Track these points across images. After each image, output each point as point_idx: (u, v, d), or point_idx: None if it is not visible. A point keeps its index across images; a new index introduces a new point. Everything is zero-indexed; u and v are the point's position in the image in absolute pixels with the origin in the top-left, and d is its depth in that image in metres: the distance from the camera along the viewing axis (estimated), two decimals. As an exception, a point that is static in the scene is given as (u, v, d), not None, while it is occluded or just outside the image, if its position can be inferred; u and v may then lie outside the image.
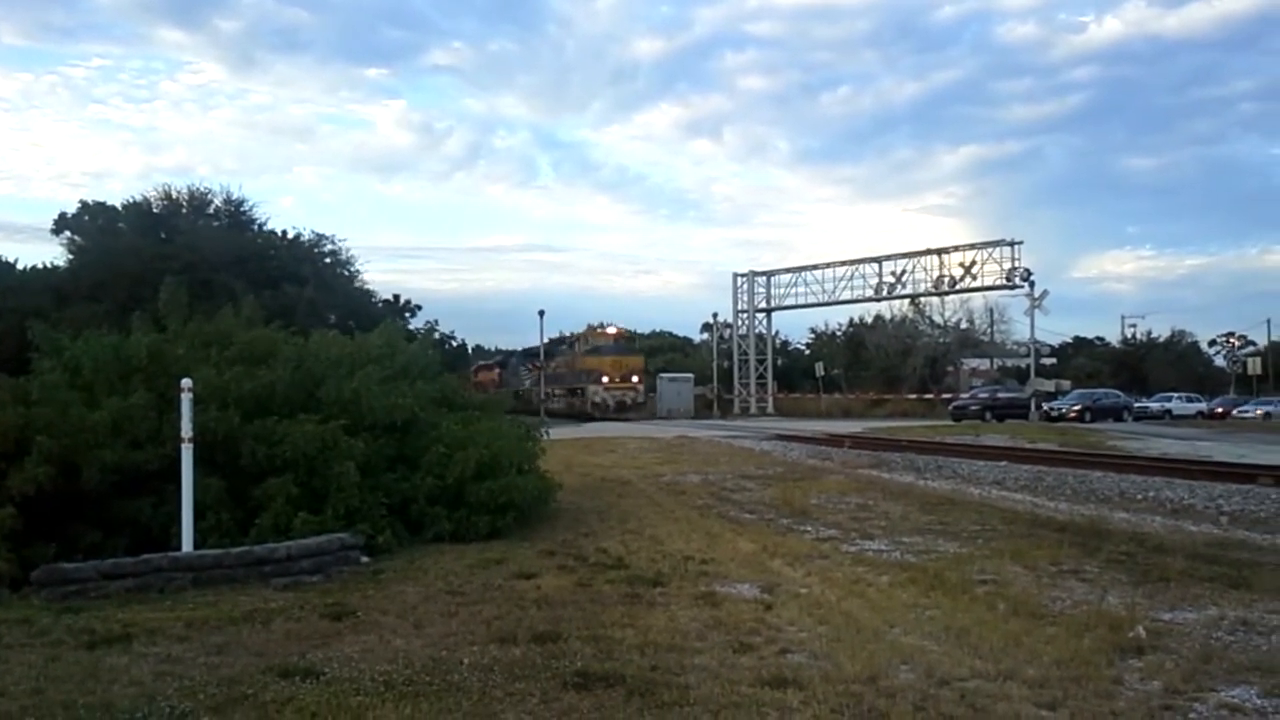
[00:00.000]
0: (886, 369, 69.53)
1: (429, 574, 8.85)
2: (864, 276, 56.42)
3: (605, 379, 53.98)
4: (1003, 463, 19.77)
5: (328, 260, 43.05)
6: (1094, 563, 9.12)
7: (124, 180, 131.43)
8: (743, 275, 62.18)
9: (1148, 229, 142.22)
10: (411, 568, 9.20)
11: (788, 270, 61.51)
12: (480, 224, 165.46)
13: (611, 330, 59.34)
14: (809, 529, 11.62)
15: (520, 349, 69.99)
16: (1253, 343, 78.68)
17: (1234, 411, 53.86)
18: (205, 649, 6.28)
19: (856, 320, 76.92)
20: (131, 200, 42.16)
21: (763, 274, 62.02)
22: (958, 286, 53.98)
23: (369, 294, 44.73)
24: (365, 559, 9.44)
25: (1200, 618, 6.95)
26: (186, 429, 9.07)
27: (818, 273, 59.21)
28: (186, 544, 8.88)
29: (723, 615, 7.06)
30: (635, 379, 55.00)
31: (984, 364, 69.98)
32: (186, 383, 9.25)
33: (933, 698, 5.10)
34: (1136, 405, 51.80)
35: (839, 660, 5.81)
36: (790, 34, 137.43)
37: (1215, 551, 9.65)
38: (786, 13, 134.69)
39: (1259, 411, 52.71)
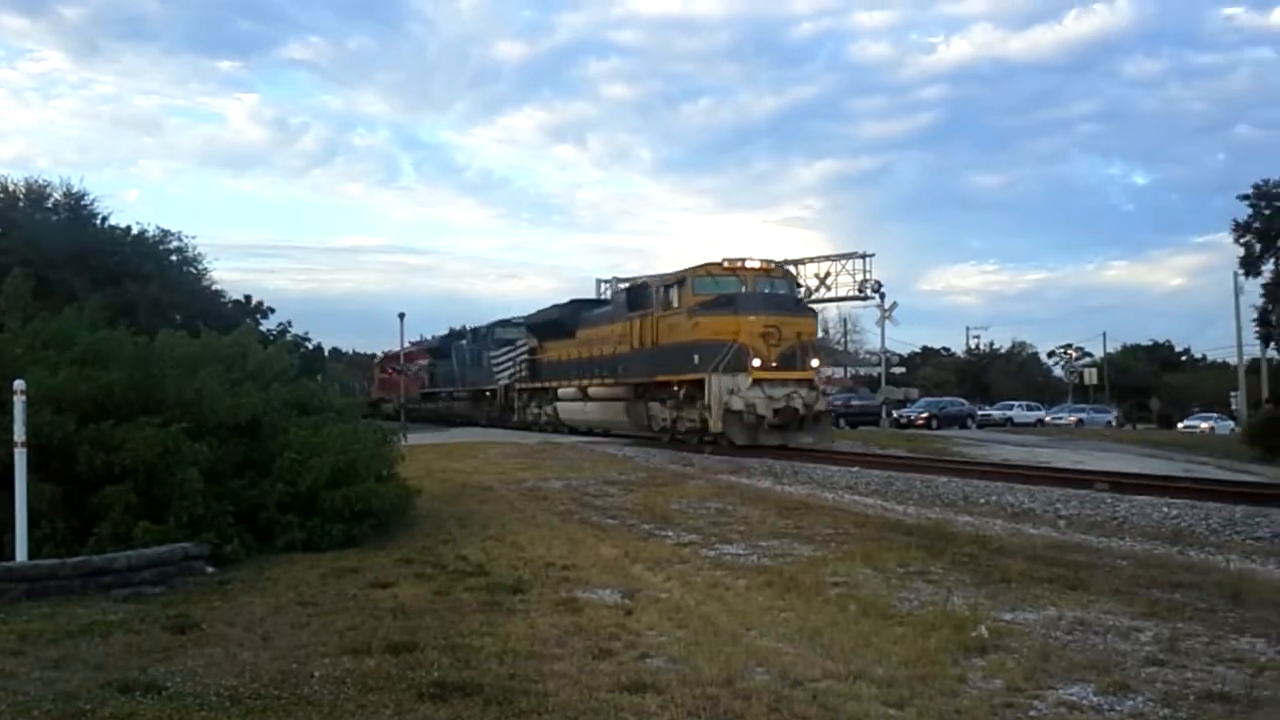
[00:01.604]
0: (746, 376, 70.79)
1: (279, 584, 8.57)
2: (725, 285, 57.39)
3: (757, 362, 24.32)
4: (855, 468, 20.28)
5: (174, 258, 41.18)
6: (939, 564, 9.42)
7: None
8: (606, 281, 62.30)
9: (992, 244, 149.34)
10: (260, 578, 8.88)
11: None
12: (339, 223, 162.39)
13: (754, 264, 26.83)
14: (670, 534, 11.70)
15: (487, 324, 45.99)
16: (1089, 354, 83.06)
17: (1047, 418, 56.74)
18: (40, 663, 5.95)
19: (717, 328, 78.01)
20: (-37, 192, 39.66)
21: (626, 280, 62.34)
22: (813, 297, 55.38)
23: (218, 293, 42.91)
24: (211, 569, 9.06)
25: (1039, 618, 7.24)
26: (20, 432, 8.60)
27: (680, 281, 59.80)
28: (20, 553, 8.38)
29: (583, 621, 7.04)
30: (815, 362, 26.36)
31: (838, 372, 72.04)
32: (19, 384, 8.76)
33: (786, 699, 5.19)
34: (980, 413, 54.35)
35: (697, 664, 5.86)
36: (652, 43, 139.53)
37: (1054, 554, 10.07)
38: (648, 22, 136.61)
39: (1071, 418, 55.76)
